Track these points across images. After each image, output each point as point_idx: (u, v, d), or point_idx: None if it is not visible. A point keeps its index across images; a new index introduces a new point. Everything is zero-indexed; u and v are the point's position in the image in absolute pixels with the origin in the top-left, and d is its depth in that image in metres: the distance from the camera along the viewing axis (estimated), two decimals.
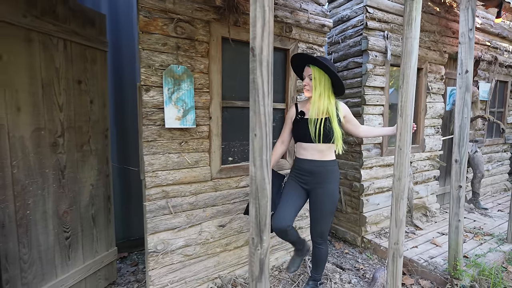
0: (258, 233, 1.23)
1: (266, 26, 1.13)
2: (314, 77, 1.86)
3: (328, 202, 1.95)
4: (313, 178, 1.95)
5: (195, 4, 1.93)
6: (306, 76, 1.91)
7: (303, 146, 1.96)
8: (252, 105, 1.18)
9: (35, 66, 1.70)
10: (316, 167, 1.93)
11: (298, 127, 1.96)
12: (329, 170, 1.95)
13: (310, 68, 1.88)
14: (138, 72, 2.96)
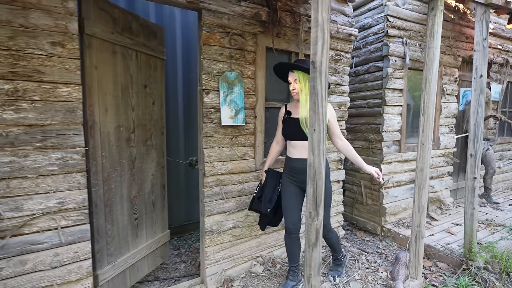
0: (315, 207, 1.54)
1: (325, 45, 1.45)
2: (299, 81, 1.96)
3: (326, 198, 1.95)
4: (304, 175, 1.93)
5: (245, 20, 2.25)
6: (292, 81, 2.01)
7: (292, 144, 2.08)
8: (312, 106, 1.50)
9: (117, 73, 2.05)
10: (305, 165, 1.92)
11: (286, 126, 2.09)
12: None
13: (294, 73, 1.99)
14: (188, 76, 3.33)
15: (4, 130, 1.52)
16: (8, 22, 1.49)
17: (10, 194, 1.56)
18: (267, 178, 2.22)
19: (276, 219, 2.29)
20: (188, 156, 3.36)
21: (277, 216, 2.28)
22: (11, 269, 1.58)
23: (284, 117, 2.11)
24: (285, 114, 2.12)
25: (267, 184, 2.19)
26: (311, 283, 1.59)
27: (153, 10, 3.13)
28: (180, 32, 3.28)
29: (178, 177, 3.35)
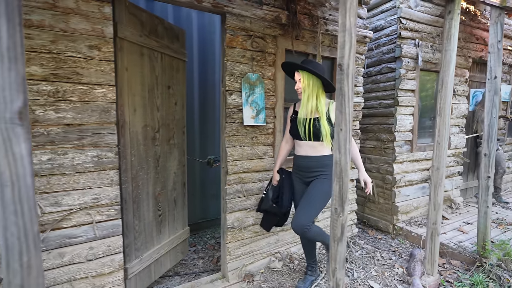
0: (341, 204, 1.61)
1: (352, 49, 1.51)
2: (303, 81, 1.97)
3: (318, 193, 1.98)
4: (309, 172, 2.05)
5: (266, 23, 2.33)
6: (297, 80, 2.01)
7: (297, 143, 2.10)
8: (339, 106, 1.57)
9: (144, 75, 2.13)
10: (310, 162, 2.04)
11: (292, 125, 2.09)
12: (324, 164, 2.02)
13: (299, 73, 2.00)
14: (205, 77, 3.41)
15: (45, 129, 1.61)
16: (50, 26, 1.57)
17: (50, 190, 1.65)
18: (282, 179, 2.20)
19: (283, 220, 2.28)
20: (203, 155, 3.44)
21: (286, 216, 2.27)
22: (51, 261, 1.67)
23: (292, 116, 2.13)
24: (293, 113, 2.14)
25: (284, 185, 2.19)
26: (336, 276, 1.66)
27: (171, 12, 3.21)
28: (196, 34, 3.36)
29: (193, 176, 3.43)
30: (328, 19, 2.67)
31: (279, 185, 2.21)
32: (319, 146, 2.01)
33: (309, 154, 2.04)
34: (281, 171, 2.23)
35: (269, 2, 2.31)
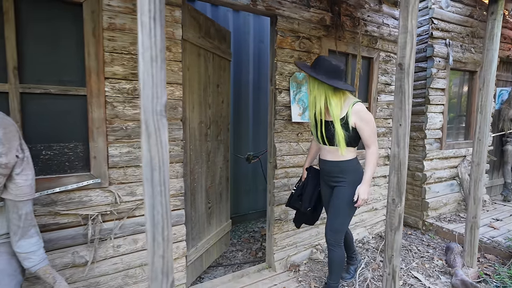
0: (399, 195, 1.71)
1: (413, 49, 1.62)
2: (308, 82, 1.89)
3: (343, 203, 1.89)
4: (330, 177, 1.97)
5: (311, 24, 2.44)
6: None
7: (319, 146, 2.01)
8: (398, 103, 1.67)
9: (200, 74, 2.25)
10: (330, 167, 1.94)
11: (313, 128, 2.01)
12: (343, 169, 1.90)
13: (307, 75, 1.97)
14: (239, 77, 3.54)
15: (123, 124, 1.74)
16: (130, 29, 1.70)
17: (126, 181, 1.78)
18: (308, 177, 2.16)
19: (314, 218, 2.25)
20: (236, 151, 3.57)
21: (315, 215, 2.24)
22: (126, 246, 1.80)
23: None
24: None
25: (308, 183, 2.14)
26: (392, 263, 1.77)
27: (210, 12, 3.33)
28: (232, 34, 3.48)
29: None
30: (366, 20, 2.77)
31: (304, 183, 2.17)
32: (336, 151, 1.88)
33: (327, 159, 1.94)
34: (309, 169, 2.19)
35: (315, 5, 2.42)
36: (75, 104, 1.64)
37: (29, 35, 1.51)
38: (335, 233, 1.93)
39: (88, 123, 1.65)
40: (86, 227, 1.67)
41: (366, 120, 1.80)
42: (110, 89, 1.67)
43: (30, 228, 1.31)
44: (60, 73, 1.59)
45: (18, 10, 1.47)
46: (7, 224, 1.31)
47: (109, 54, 1.66)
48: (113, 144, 1.72)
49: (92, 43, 1.61)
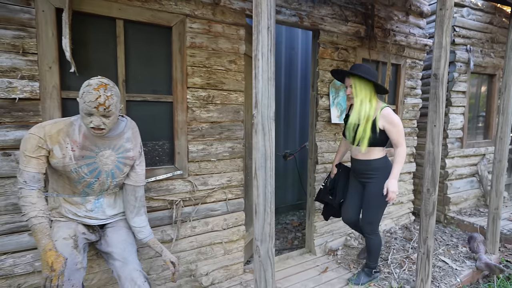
0: (433, 185, 2.01)
1: (446, 62, 1.92)
2: (354, 86, 2.01)
3: (375, 196, 2.08)
4: (362, 175, 2.15)
5: (348, 36, 2.75)
6: (348, 86, 2.06)
7: (349, 146, 2.22)
8: (433, 107, 1.97)
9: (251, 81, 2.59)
10: (360, 165, 2.12)
11: (344, 127, 2.20)
12: (374, 168, 2.07)
13: (350, 78, 2.04)
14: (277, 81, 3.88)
15: (199, 126, 2.09)
16: (206, 47, 2.06)
17: (200, 173, 2.13)
18: (339, 173, 2.34)
19: (339, 212, 2.39)
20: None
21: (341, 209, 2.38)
22: (200, 228, 2.16)
23: (344, 119, 2.23)
24: (345, 116, 2.23)
25: (339, 179, 2.32)
26: (427, 243, 2.07)
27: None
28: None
29: None
30: (395, 31, 3.06)
31: (335, 178, 2.36)
32: (368, 150, 2.05)
33: (358, 158, 2.11)
34: (338, 166, 2.37)
35: (351, 19, 2.73)
36: (164, 109, 2.00)
37: (133, 54, 1.88)
38: (370, 224, 2.16)
39: (173, 125, 2.01)
40: (171, 210, 2.03)
41: (394, 123, 1.98)
42: (190, 96, 2.03)
43: (141, 208, 1.67)
44: (154, 84, 1.96)
45: (126, 34, 1.84)
46: (123, 204, 1.68)
47: (191, 68, 2.01)
48: (191, 142, 2.07)
49: (178, 59, 1.96)
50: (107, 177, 1.52)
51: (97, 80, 1.29)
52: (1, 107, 1.53)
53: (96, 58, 1.78)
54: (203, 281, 2.16)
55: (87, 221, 1.57)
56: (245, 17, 2.18)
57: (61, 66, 1.65)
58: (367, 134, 1.98)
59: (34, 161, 1.30)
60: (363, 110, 1.98)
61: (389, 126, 1.99)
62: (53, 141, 1.33)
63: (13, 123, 1.57)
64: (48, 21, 1.58)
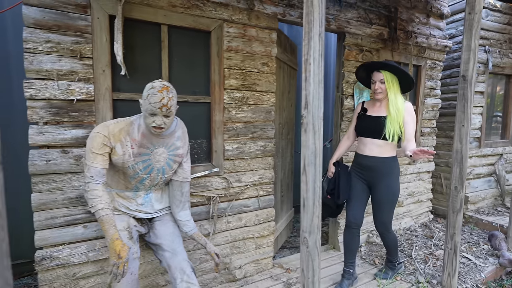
0: (461, 183, 2.08)
1: (475, 64, 1.99)
2: (386, 80, 1.98)
3: (387, 196, 2.06)
4: (372, 173, 2.08)
5: (371, 39, 2.82)
6: (377, 81, 2.01)
7: (362, 141, 2.11)
8: (461, 108, 2.04)
9: (280, 83, 2.68)
10: (374, 163, 2.05)
11: (360, 122, 2.12)
12: (387, 166, 2.05)
13: (380, 73, 2.00)
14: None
15: (234, 125, 2.19)
16: (241, 50, 2.15)
17: (235, 170, 2.23)
18: (339, 171, 2.20)
19: (337, 212, 2.33)
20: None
21: (339, 208, 2.33)
22: (234, 223, 2.25)
23: (360, 113, 2.16)
24: (361, 110, 2.16)
25: (340, 178, 2.18)
26: (454, 239, 2.14)
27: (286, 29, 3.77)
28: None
29: None
30: (416, 33, 3.13)
31: (335, 177, 2.21)
32: (386, 146, 2.03)
33: (373, 155, 2.05)
34: (337, 164, 2.25)
35: (375, 22, 2.81)
36: (202, 110, 2.10)
37: (175, 57, 1.98)
38: (384, 224, 2.14)
39: (211, 124, 2.11)
40: (208, 206, 2.13)
41: (413, 116, 2.01)
42: (227, 97, 2.13)
43: (186, 202, 1.77)
44: (194, 85, 2.06)
45: (170, 39, 1.94)
46: (169, 199, 1.78)
47: (227, 70, 2.11)
48: (227, 141, 2.17)
49: (216, 62, 2.07)
50: (158, 173, 1.62)
51: (160, 83, 1.39)
52: (61, 108, 1.65)
53: (143, 61, 1.89)
54: (236, 274, 2.26)
55: (137, 215, 1.68)
56: (277, 21, 2.27)
57: (113, 70, 1.77)
58: (400, 128, 1.97)
59: (99, 157, 1.41)
60: (399, 103, 1.99)
61: (410, 118, 2.00)
62: (115, 139, 1.44)
63: (70, 123, 1.68)
64: (102, 27, 1.70)
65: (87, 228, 1.76)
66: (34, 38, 1.56)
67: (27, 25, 1.55)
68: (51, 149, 1.65)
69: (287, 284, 2.26)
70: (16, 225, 2.51)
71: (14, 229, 2.52)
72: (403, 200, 3.35)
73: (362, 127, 2.11)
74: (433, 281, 2.31)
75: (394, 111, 1.98)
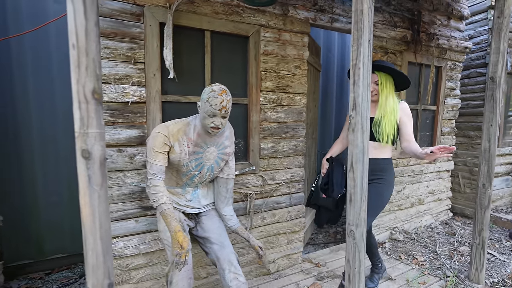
0: (489, 180, 2.16)
1: (504, 67, 2.07)
2: (380, 82, 1.95)
3: (374, 201, 1.93)
4: (370, 175, 1.94)
5: (395, 41, 2.91)
6: (372, 83, 1.95)
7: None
8: (490, 108, 2.12)
9: (308, 84, 2.78)
10: (371, 165, 1.92)
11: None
12: (380, 168, 1.99)
13: (375, 74, 1.97)
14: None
15: (268, 125, 2.29)
16: (276, 53, 2.26)
17: (269, 169, 2.34)
18: (332, 166, 2.12)
19: (337, 214, 2.24)
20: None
21: (339, 210, 2.23)
22: (268, 218, 2.36)
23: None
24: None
25: (334, 171, 2.09)
26: (482, 235, 2.22)
27: None
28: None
29: None
30: (437, 35, 3.21)
31: (328, 172, 2.13)
32: (381, 147, 1.99)
33: (370, 156, 1.96)
34: (330, 159, 2.17)
35: (399, 25, 2.90)
36: (240, 111, 2.21)
37: (216, 61, 2.09)
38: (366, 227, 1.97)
39: (248, 125, 2.22)
40: (245, 202, 2.24)
41: (410, 116, 1.98)
42: (263, 99, 2.23)
43: (230, 198, 1.88)
44: (232, 87, 2.17)
45: (212, 44, 2.05)
46: (214, 196, 1.89)
47: (264, 73, 2.21)
48: (262, 140, 2.28)
49: (254, 65, 2.17)
50: (207, 171, 1.73)
51: (219, 86, 1.50)
52: (116, 110, 1.76)
53: (188, 65, 2.00)
54: (270, 267, 2.37)
55: (186, 210, 1.79)
56: (309, 25, 2.37)
57: (162, 73, 1.88)
58: (394, 128, 1.94)
59: (161, 155, 1.53)
60: (389, 105, 1.94)
61: (406, 118, 1.97)
62: (174, 138, 1.56)
63: (124, 123, 1.80)
64: (154, 34, 1.81)
65: (138, 222, 1.87)
66: None
67: None
68: (108, 148, 1.77)
69: (318, 277, 2.35)
70: (58, 220, 2.65)
71: (56, 225, 2.66)
72: (424, 198, 3.43)
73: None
74: (461, 275, 2.39)
75: (382, 113, 1.94)
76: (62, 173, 2.61)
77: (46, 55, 2.49)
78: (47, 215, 2.64)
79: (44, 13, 2.48)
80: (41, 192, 2.58)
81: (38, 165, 2.53)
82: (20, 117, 2.46)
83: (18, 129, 2.46)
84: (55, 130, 2.55)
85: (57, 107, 2.54)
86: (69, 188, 2.66)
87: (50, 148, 2.55)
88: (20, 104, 2.45)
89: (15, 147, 2.44)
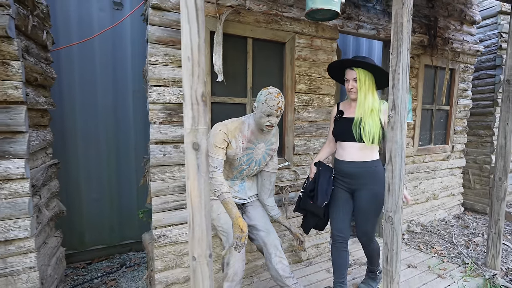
0: (505, 174, 2.36)
1: None
2: (359, 79, 1.80)
3: (372, 205, 1.87)
4: (354, 180, 1.87)
5: (413, 45, 3.11)
6: (351, 80, 1.83)
7: (341, 145, 1.90)
8: (506, 107, 2.32)
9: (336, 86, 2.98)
10: (355, 169, 1.85)
11: (337, 126, 1.93)
12: (370, 171, 1.85)
13: (353, 70, 1.81)
14: None
15: (301, 124, 2.49)
16: (308, 58, 2.46)
17: (301, 164, 2.53)
18: (319, 171, 1.98)
19: (324, 220, 2.05)
20: None
21: (326, 218, 2.04)
22: None
23: (336, 116, 1.96)
24: (337, 113, 1.97)
25: (320, 177, 1.95)
26: (498, 224, 2.41)
27: None
28: None
29: None
30: (452, 39, 3.40)
31: (315, 177, 1.99)
32: (367, 149, 1.84)
33: (354, 160, 1.85)
34: (318, 164, 2.02)
35: (417, 30, 3.09)
36: None
37: (257, 66, 2.29)
38: (367, 234, 1.94)
39: (284, 124, 2.42)
40: (281, 195, 2.44)
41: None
42: (297, 100, 2.43)
43: (272, 190, 2.08)
44: None
45: (253, 50, 2.25)
46: (258, 188, 2.08)
47: (298, 76, 2.41)
48: (296, 138, 2.48)
49: (289, 69, 2.37)
50: (255, 165, 1.93)
51: (275, 89, 1.70)
52: (173, 110, 1.96)
53: (232, 70, 2.20)
54: (302, 255, 2.57)
55: (234, 200, 1.99)
56: (338, 32, 2.57)
57: (211, 77, 2.08)
58: (378, 128, 1.80)
59: (221, 151, 1.73)
60: (367, 103, 1.80)
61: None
62: (231, 135, 1.75)
63: (178, 122, 2.00)
64: (205, 41, 2.01)
65: None
66: (156, 52, 1.88)
67: (151, 41, 1.87)
68: (165, 144, 1.96)
69: None
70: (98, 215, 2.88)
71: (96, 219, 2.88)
72: (438, 193, 3.62)
73: (339, 130, 1.91)
74: (478, 262, 2.59)
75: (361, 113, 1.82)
76: (102, 174, 2.84)
77: (90, 61, 2.70)
78: (88, 210, 2.86)
79: (89, 20, 2.68)
80: (84, 190, 2.81)
81: (81, 166, 2.75)
82: (66, 122, 2.67)
83: (65, 135, 2.68)
84: (97, 134, 2.78)
85: (98, 114, 2.77)
86: (108, 186, 2.88)
87: (91, 151, 2.78)
88: (67, 110, 2.67)
89: (63, 150, 2.66)
